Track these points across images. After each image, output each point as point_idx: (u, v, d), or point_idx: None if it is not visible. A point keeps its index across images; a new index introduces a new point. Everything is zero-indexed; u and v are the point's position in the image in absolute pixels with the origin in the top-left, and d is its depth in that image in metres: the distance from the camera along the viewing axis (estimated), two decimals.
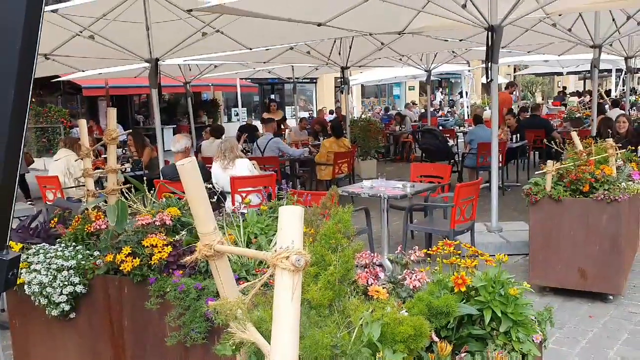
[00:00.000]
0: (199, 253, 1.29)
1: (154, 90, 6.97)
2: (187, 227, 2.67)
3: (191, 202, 1.29)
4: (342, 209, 1.56)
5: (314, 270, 1.41)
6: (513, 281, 1.73)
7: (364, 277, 1.59)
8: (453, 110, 23.64)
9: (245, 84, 21.27)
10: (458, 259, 1.78)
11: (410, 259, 1.73)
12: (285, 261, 0.92)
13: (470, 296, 1.68)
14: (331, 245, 1.47)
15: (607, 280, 4.25)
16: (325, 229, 1.50)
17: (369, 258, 1.66)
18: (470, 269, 1.75)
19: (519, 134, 10.28)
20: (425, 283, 1.65)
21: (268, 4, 5.74)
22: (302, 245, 0.94)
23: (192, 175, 1.26)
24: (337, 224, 1.51)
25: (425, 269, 1.80)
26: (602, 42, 8.29)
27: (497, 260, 1.75)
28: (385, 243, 5.51)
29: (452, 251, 1.83)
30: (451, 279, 1.65)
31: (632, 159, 5.23)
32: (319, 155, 9.09)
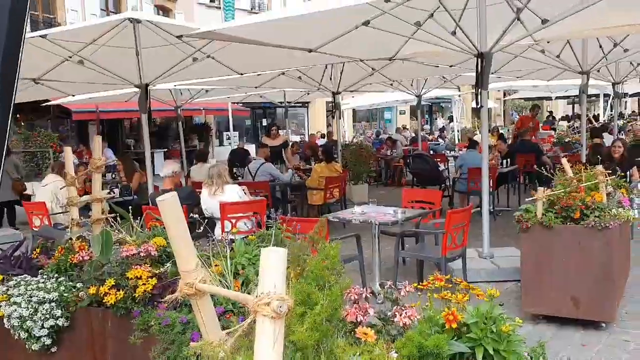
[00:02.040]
0: (180, 292, 1.24)
1: (143, 115, 6.94)
2: (173, 258, 2.61)
3: (172, 239, 1.24)
4: (330, 245, 1.52)
5: (300, 309, 1.36)
6: (505, 317, 1.68)
7: (352, 314, 1.54)
8: (443, 135, 23.77)
9: (237, 107, 21.32)
10: (449, 294, 1.73)
11: (400, 294, 1.68)
12: (267, 308, 0.87)
13: (462, 333, 1.63)
14: (318, 283, 1.43)
15: (600, 308, 4.21)
16: (312, 266, 1.45)
17: (358, 293, 1.62)
18: (462, 304, 1.71)
19: (509, 159, 10.31)
20: (416, 319, 1.60)
21: (259, 31, 5.77)
22: (285, 289, 0.90)
23: (173, 210, 1.22)
24: (324, 259, 1.47)
25: (416, 304, 1.75)
26: (590, 68, 8.40)
27: (488, 295, 1.71)
28: (376, 269, 5.45)
29: (443, 285, 1.79)
30: (442, 315, 1.61)
31: (621, 185, 5.24)
32: (310, 180, 9.06)
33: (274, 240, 2.70)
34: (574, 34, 6.72)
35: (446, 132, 25.25)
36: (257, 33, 5.80)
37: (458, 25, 5.56)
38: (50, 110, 16.39)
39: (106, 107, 14.49)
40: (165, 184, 6.18)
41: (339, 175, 9.18)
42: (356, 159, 12.11)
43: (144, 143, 7.17)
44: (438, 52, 6.71)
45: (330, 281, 1.44)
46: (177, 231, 1.22)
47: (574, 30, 6.35)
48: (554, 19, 5.17)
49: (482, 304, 1.70)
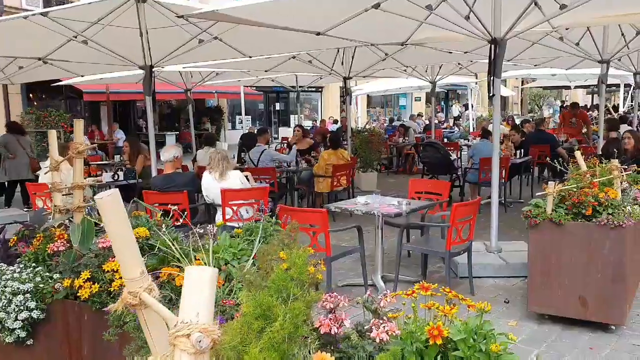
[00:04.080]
0: (122, 302, 1.10)
1: (148, 97, 6.81)
2: (154, 250, 2.48)
3: (114, 243, 1.10)
4: (297, 252, 1.37)
5: (258, 324, 1.22)
6: (497, 333, 1.52)
7: (326, 325, 1.40)
8: (459, 123, 23.40)
9: (250, 91, 21.17)
10: (436, 304, 1.58)
11: (380, 304, 1.53)
12: (185, 340, 0.73)
13: (448, 350, 1.48)
14: (281, 295, 1.28)
15: (609, 310, 4.03)
16: (274, 276, 1.31)
17: (334, 302, 1.47)
18: (449, 316, 1.55)
19: (523, 149, 10.05)
20: (397, 331, 1.44)
21: (264, 13, 5.58)
22: (211, 318, 0.75)
23: (114, 211, 1.07)
24: (288, 269, 1.32)
25: (399, 313, 1.60)
26: (610, 57, 8.09)
27: (479, 309, 1.55)
28: (379, 262, 5.31)
29: (430, 294, 1.63)
30: (426, 329, 1.46)
31: (638, 180, 5.01)
32: (317, 167, 8.90)
33: (261, 233, 2.56)
34: (595, 21, 6.43)
35: (461, 120, 24.89)
36: (262, 14, 5.62)
37: (471, 10, 5.33)
38: (62, 91, 16.39)
39: (117, 88, 14.41)
40: (167, 168, 6.07)
41: (346, 162, 9.00)
42: (366, 146, 11.91)
43: (149, 125, 7.05)
44: (451, 37, 6.48)
45: (295, 293, 1.30)
46: (120, 233, 1.08)
47: (595, 16, 6.06)
48: (572, 4, 4.92)
49: (472, 318, 1.54)
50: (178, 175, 6.05)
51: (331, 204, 5.55)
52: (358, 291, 5.08)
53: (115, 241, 1.09)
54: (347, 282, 5.31)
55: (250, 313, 1.22)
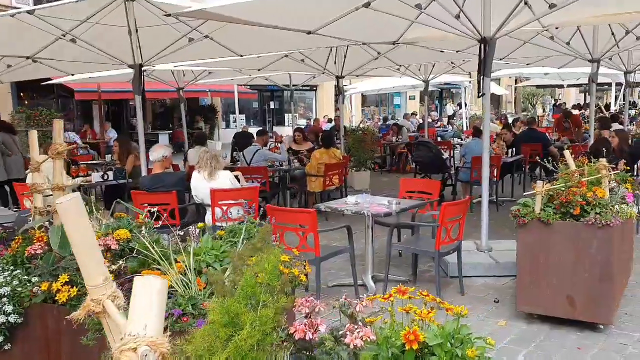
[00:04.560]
0: (84, 310, 1.08)
1: (137, 96, 6.77)
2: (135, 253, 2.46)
3: (75, 249, 1.07)
4: (267, 257, 1.35)
5: (226, 332, 1.19)
6: (474, 337, 1.50)
7: (301, 331, 1.38)
8: (453, 122, 23.43)
9: (244, 90, 21.11)
10: (414, 308, 1.56)
11: (355, 309, 1.51)
12: (131, 355, 0.71)
13: (424, 355, 1.46)
14: (250, 302, 1.26)
15: (597, 309, 4.03)
16: (243, 281, 1.28)
17: (310, 307, 1.45)
18: (426, 320, 1.53)
19: (514, 148, 10.06)
20: (372, 336, 1.42)
21: (253, 11, 5.55)
22: (160, 330, 0.73)
23: (75, 215, 1.05)
24: (258, 274, 1.29)
25: (376, 318, 1.58)
26: (600, 56, 8.10)
27: (456, 313, 1.53)
28: (369, 262, 5.30)
29: (409, 297, 1.61)
30: (402, 334, 1.44)
31: (626, 179, 5.01)
32: (309, 166, 8.88)
33: (245, 235, 2.53)
34: (584, 20, 6.43)
35: (455, 119, 24.91)
36: (252, 13, 5.58)
37: (461, 9, 5.32)
38: (53, 90, 16.29)
39: (108, 87, 14.33)
40: (155, 168, 6.04)
41: (338, 161, 8.99)
42: (359, 145, 11.90)
43: (138, 125, 7.00)
44: (442, 36, 6.46)
45: (264, 300, 1.27)
46: (82, 238, 1.05)
47: (584, 16, 6.06)
48: (561, 3, 4.92)
49: (450, 322, 1.52)
50: (167, 175, 6.02)
51: (321, 204, 5.53)
52: (348, 291, 5.06)
53: (76, 247, 1.07)
54: (337, 283, 5.30)
55: (218, 320, 1.20)
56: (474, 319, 4.48)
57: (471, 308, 4.71)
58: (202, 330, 1.20)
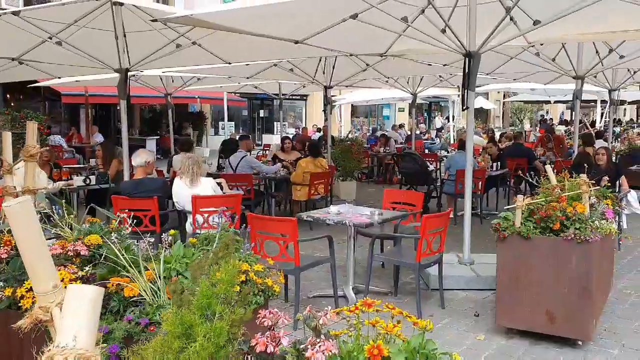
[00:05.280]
0: (31, 317, 1.04)
1: (122, 101, 6.72)
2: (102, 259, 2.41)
3: (24, 254, 1.04)
4: (225, 267, 1.32)
5: (179, 344, 1.16)
6: (439, 352, 1.48)
7: (262, 344, 1.35)
8: (441, 134, 23.56)
9: (234, 98, 21.10)
10: (380, 322, 1.54)
11: (319, 322, 1.48)
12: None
13: None
14: (205, 313, 1.23)
15: (576, 325, 4.03)
16: (198, 292, 1.26)
17: (273, 319, 1.42)
18: (392, 334, 1.51)
19: (500, 162, 10.11)
20: (334, 350, 1.39)
21: (240, 19, 5.54)
22: (91, 342, 0.70)
23: (24, 219, 1.02)
24: (214, 284, 1.27)
25: (341, 331, 1.55)
26: (584, 73, 8.20)
27: (421, 327, 1.51)
28: (350, 272, 5.27)
29: (376, 310, 1.59)
30: (366, 348, 1.41)
31: (607, 195, 5.04)
32: (294, 175, 8.85)
33: (217, 243, 2.50)
34: (568, 38, 6.50)
35: (443, 132, 25.05)
36: (239, 21, 5.57)
37: (446, 24, 5.35)
38: (41, 92, 16.16)
39: (96, 91, 14.25)
40: (138, 173, 5.98)
41: (324, 171, 8.97)
42: (346, 155, 11.90)
43: (122, 130, 6.94)
44: (429, 50, 6.50)
45: (220, 311, 1.24)
46: (30, 243, 1.02)
47: (568, 33, 6.13)
48: (546, 20, 4.96)
49: (415, 336, 1.50)
50: (149, 180, 5.96)
51: (303, 213, 5.50)
52: (328, 302, 5.02)
53: (24, 252, 1.03)
54: (317, 293, 5.26)
55: (172, 332, 1.17)
56: (454, 332, 4.47)
57: (451, 321, 4.70)
58: (155, 341, 1.17)
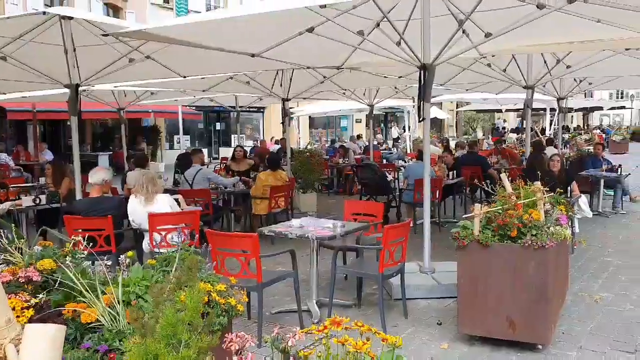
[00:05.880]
0: None
1: (73, 117, 6.52)
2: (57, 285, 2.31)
3: None
4: (190, 293, 1.27)
5: None
6: None
7: None
8: (397, 144, 23.91)
9: (189, 111, 20.84)
10: (350, 340, 1.52)
11: (288, 344, 1.45)
12: None
13: None
14: (171, 342, 1.18)
15: (535, 329, 4.11)
16: (163, 320, 1.21)
17: (240, 343, 1.38)
18: (362, 352, 1.49)
19: (455, 171, 10.32)
20: None
21: (195, 33, 5.48)
22: None
23: None
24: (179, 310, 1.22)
25: (311, 351, 1.52)
26: (534, 83, 8.48)
27: (391, 344, 1.50)
28: (314, 286, 5.23)
29: (344, 328, 1.57)
30: None
31: (560, 201, 5.19)
32: (254, 189, 8.78)
33: (178, 263, 2.43)
34: (518, 49, 6.72)
35: (400, 142, 25.43)
36: (194, 35, 5.51)
37: (401, 37, 5.44)
38: None
39: (44, 107, 13.80)
40: (93, 192, 5.80)
41: (284, 184, 8.93)
42: (306, 167, 11.90)
43: (73, 147, 6.72)
44: (385, 62, 6.58)
45: (186, 339, 1.20)
46: None
47: (518, 45, 6.33)
48: (497, 33, 5.11)
49: (385, 353, 1.49)
50: (104, 199, 5.79)
51: (264, 228, 5.43)
52: (292, 317, 4.97)
53: None
54: (280, 309, 5.19)
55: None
56: (417, 342, 4.49)
57: (414, 331, 4.72)
58: None
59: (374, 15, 5.63)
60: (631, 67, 8.21)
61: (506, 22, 5.01)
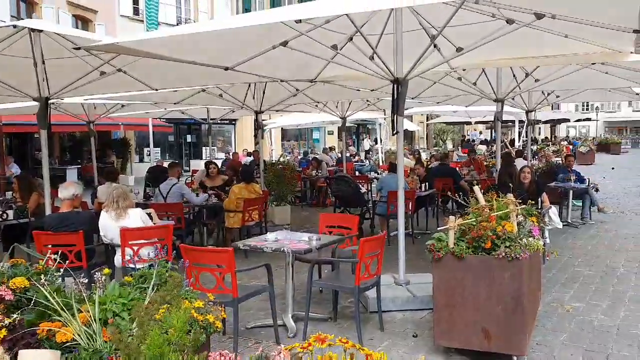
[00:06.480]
0: None
1: (43, 131, 6.37)
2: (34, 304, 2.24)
3: None
4: (176, 313, 1.25)
5: None
6: None
7: None
8: (369, 156, 24.08)
9: (159, 123, 20.62)
10: (334, 357, 1.51)
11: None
12: None
13: None
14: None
15: (510, 340, 4.15)
16: (149, 340, 1.18)
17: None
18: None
19: (427, 182, 10.44)
20: None
21: (169, 46, 5.43)
22: None
23: None
24: (167, 331, 1.20)
25: None
26: (504, 96, 8.66)
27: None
28: (290, 300, 5.20)
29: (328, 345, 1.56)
30: None
31: (532, 213, 5.29)
32: (227, 202, 8.71)
33: (155, 280, 2.39)
34: (488, 63, 6.86)
35: (372, 154, 25.62)
36: (168, 49, 5.46)
37: (374, 51, 5.50)
38: None
39: (11, 120, 13.48)
40: (63, 206, 5.67)
41: (258, 197, 8.89)
42: (279, 180, 11.87)
43: (43, 161, 6.57)
44: (358, 76, 6.64)
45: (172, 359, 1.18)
46: None
47: (488, 59, 6.47)
48: (468, 47, 5.21)
49: None
50: (75, 214, 5.66)
51: (239, 242, 5.39)
52: (267, 332, 4.93)
53: None
54: (255, 324, 5.14)
55: None
56: (394, 355, 4.49)
57: (391, 344, 4.73)
58: None
59: (347, 30, 5.68)
60: (596, 81, 8.47)
61: (477, 37, 5.12)
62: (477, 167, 13.15)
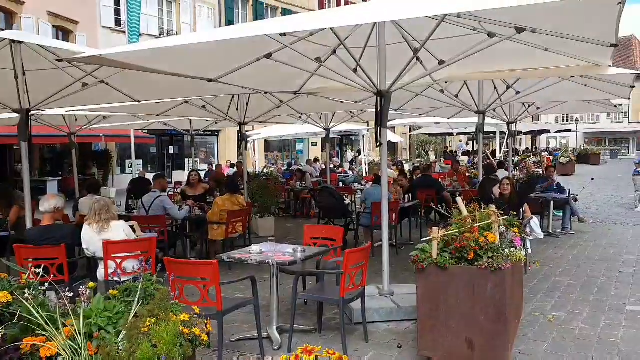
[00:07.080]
0: None
1: (23, 143, 6.30)
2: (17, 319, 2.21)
3: None
4: (165, 326, 1.25)
5: None
6: None
7: None
8: (353, 167, 24.17)
9: (141, 134, 20.47)
10: None
11: None
12: None
13: None
14: None
15: (494, 350, 4.19)
16: (139, 354, 1.18)
17: None
18: None
19: (411, 193, 10.51)
20: None
21: (153, 58, 5.43)
22: None
23: None
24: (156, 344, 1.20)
25: None
26: (485, 108, 8.79)
27: None
28: (274, 312, 5.18)
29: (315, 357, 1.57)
30: None
31: (514, 223, 5.36)
32: (211, 214, 8.66)
33: (141, 293, 2.37)
34: (470, 76, 6.97)
35: (355, 165, 25.72)
36: (151, 61, 5.46)
37: (358, 64, 5.55)
38: None
39: None
40: (45, 219, 5.60)
41: (242, 208, 8.86)
42: (263, 191, 11.85)
43: (24, 173, 6.48)
44: (341, 88, 6.70)
45: None
46: None
47: (470, 72, 6.57)
48: (450, 60, 5.29)
49: None
50: (57, 227, 5.59)
51: (224, 254, 5.37)
52: (252, 345, 4.91)
53: None
54: (240, 336, 5.11)
55: None
56: None
57: (375, 355, 4.73)
58: None
59: (331, 43, 5.74)
60: (576, 93, 8.63)
61: (459, 50, 5.21)
62: (460, 178, 13.28)
